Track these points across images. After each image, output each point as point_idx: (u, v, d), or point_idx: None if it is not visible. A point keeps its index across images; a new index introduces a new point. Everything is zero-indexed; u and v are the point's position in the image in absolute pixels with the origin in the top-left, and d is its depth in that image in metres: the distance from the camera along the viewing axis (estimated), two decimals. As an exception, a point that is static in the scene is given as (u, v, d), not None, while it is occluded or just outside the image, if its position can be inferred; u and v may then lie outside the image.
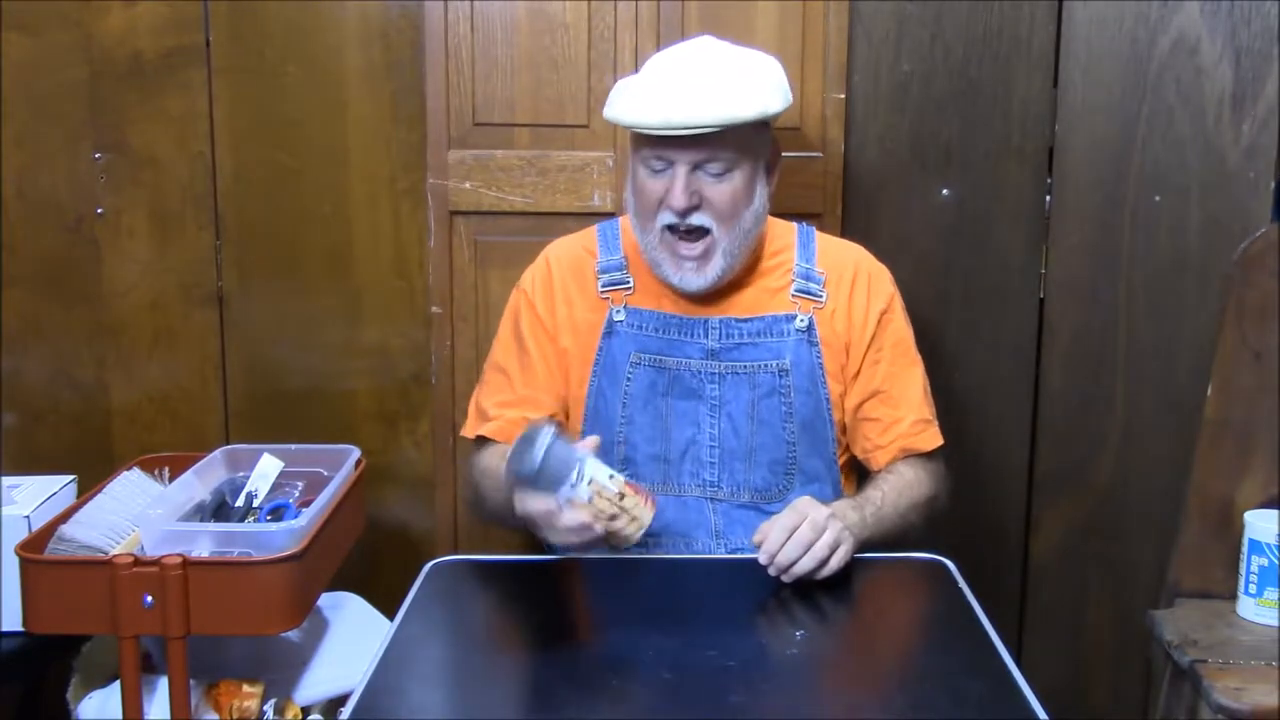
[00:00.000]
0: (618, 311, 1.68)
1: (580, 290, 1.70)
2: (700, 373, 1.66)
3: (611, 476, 1.42)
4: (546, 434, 1.38)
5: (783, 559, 1.43)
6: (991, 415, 2.19)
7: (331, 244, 2.19)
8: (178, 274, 2.19)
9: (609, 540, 1.43)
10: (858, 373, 1.69)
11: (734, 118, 1.54)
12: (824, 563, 1.45)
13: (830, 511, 1.48)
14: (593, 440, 1.45)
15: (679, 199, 1.57)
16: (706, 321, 1.66)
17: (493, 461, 1.65)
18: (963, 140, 2.12)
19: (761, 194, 1.64)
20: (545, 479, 1.38)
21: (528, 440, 1.38)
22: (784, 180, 1.99)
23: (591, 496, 1.39)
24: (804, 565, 1.43)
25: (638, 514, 1.42)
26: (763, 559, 1.44)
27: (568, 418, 1.71)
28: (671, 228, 1.60)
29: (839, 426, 1.71)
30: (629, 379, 1.67)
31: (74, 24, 2.10)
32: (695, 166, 1.57)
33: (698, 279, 1.62)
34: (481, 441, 1.71)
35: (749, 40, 1.93)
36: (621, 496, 1.41)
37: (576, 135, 2.05)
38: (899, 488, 1.64)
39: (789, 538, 1.43)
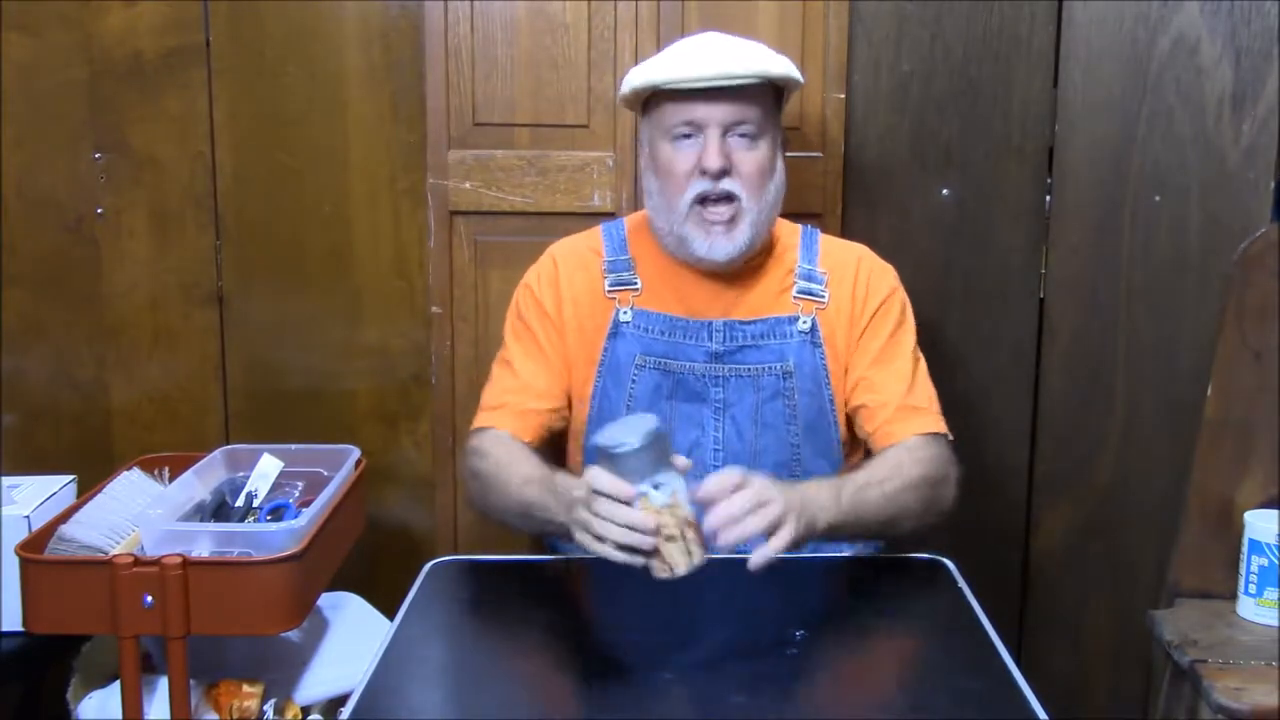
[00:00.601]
0: (624, 312, 1.67)
1: (587, 289, 1.70)
2: (704, 376, 1.66)
3: (691, 505, 1.34)
4: (655, 422, 1.33)
5: (722, 514, 1.32)
6: (991, 415, 2.19)
7: (331, 244, 2.19)
8: (178, 274, 2.19)
9: (652, 557, 1.33)
10: (848, 364, 1.67)
11: (768, 71, 1.57)
12: (761, 535, 1.34)
13: (780, 496, 1.37)
14: (685, 462, 1.37)
15: (714, 159, 1.56)
16: (710, 324, 1.66)
17: (498, 448, 1.61)
18: (963, 140, 2.12)
19: (781, 172, 1.65)
20: (633, 464, 1.31)
21: (635, 421, 1.34)
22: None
23: (667, 506, 1.32)
24: (734, 533, 1.32)
25: (693, 550, 1.33)
26: (701, 492, 1.34)
27: (571, 410, 1.70)
28: (702, 200, 1.59)
29: (844, 427, 1.70)
30: (634, 381, 1.66)
31: (74, 24, 2.10)
32: (725, 130, 1.58)
33: (727, 244, 1.60)
34: (478, 431, 1.68)
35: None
36: (690, 525, 1.33)
37: (576, 135, 2.05)
38: (890, 467, 1.57)
39: (729, 495, 1.33)
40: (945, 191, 2.14)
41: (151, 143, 2.15)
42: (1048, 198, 2.13)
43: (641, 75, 1.61)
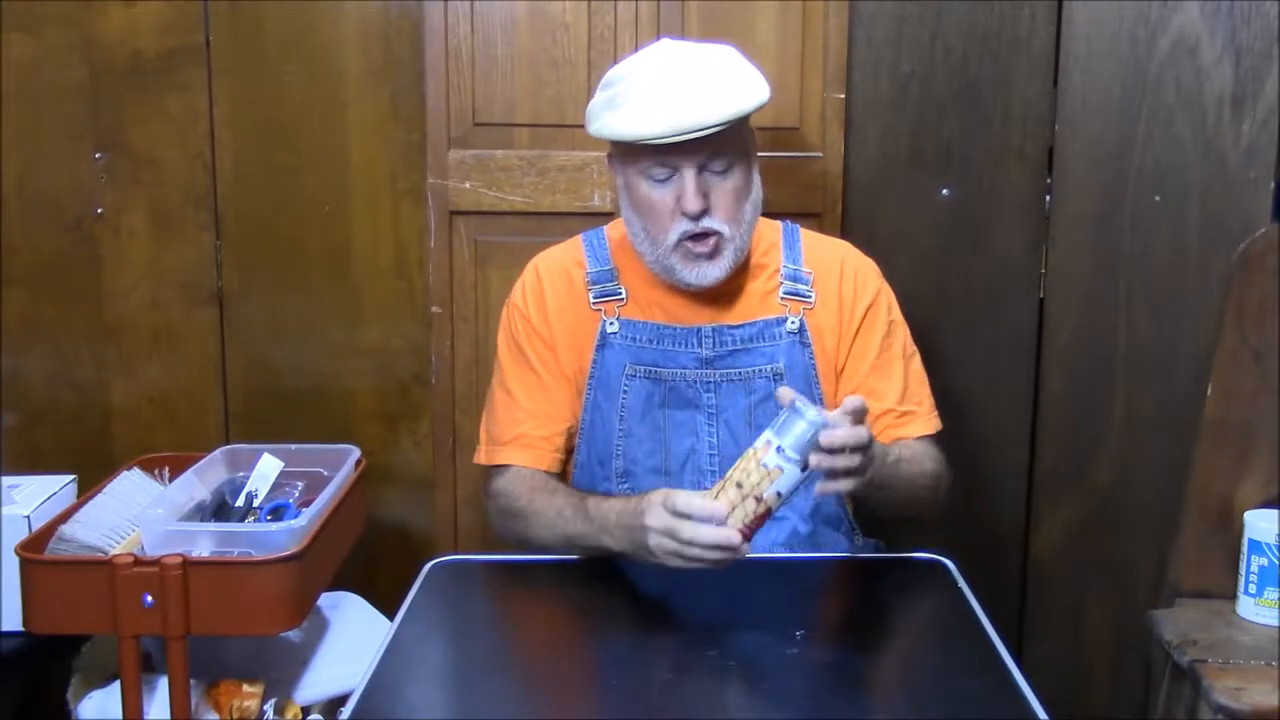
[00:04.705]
0: (611, 323, 1.66)
1: (572, 302, 1.68)
2: (696, 382, 1.65)
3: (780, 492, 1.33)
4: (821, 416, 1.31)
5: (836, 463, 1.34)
6: (991, 415, 2.19)
7: (331, 244, 2.19)
8: (178, 274, 2.19)
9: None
10: (843, 368, 1.68)
11: (739, 112, 1.53)
12: (849, 474, 1.35)
13: (874, 447, 1.39)
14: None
15: (694, 201, 1.54)
16: (699, 330, 1.65)
17: (525, 485, 1.63)
18: (963, 140, 2.12)
19: (757, 184, 1.63)
20: (804, 434, 1.30)
21: (805, 408, 1.32)
22: (784, 180, 1.99)
23: (767, 473, 1.31)
24: (841, 468, 1.34)
25: (742, 550, 1.35)
26: (825, 440, 1.31)
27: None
28: (689, 235, 1.57)
29: None
30: (625, 392, 1.65)
31: (74, 24, 2.10)
32: (700, 168, 1.56)
33: (714, 270, 1.59)
34: (498, 470, 1.68)
35: (749, 40, 1.94)
36: (761, 506, 1.33)
37: (576, 135, 2.05)
38: (912, 452, 1.62)
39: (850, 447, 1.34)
40: (945, 191, 2.14)
41: (151, 143, 2.15)
42: (1048, 198, 2.13)
43: (610, 122, 1.55)
